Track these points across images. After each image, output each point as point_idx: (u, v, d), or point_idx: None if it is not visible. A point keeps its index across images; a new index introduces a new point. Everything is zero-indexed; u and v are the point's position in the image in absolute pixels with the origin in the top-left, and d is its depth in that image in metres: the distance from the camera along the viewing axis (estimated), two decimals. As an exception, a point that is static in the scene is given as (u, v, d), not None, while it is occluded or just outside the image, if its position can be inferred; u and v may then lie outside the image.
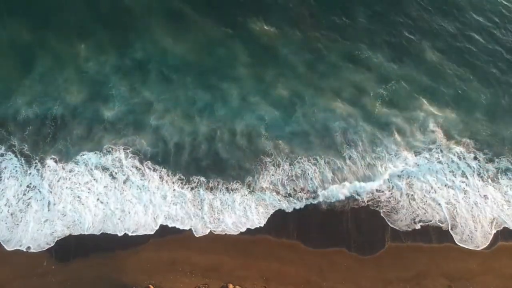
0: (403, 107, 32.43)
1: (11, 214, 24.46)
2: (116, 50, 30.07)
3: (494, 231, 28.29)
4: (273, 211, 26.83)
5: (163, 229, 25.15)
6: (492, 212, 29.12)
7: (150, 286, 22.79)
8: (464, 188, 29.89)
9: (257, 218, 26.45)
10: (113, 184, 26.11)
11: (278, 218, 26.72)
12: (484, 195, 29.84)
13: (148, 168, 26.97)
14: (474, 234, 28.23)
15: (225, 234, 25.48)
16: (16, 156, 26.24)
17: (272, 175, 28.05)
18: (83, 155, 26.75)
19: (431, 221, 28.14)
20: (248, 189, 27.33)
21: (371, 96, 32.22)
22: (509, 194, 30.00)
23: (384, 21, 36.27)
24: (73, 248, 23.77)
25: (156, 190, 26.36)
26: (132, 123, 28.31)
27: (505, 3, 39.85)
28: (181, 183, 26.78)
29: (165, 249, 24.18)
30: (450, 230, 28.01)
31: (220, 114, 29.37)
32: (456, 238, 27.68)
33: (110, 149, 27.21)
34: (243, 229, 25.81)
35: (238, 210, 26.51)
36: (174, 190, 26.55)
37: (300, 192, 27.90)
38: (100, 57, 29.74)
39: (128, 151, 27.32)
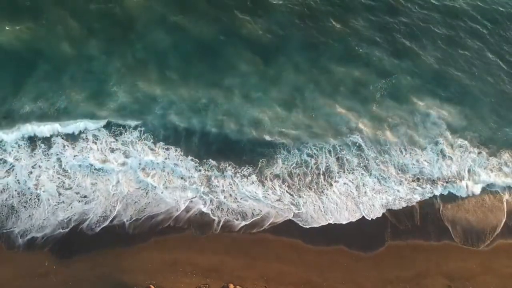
0: (405, 101, 32.52)
1: (19, 194, 24.42)
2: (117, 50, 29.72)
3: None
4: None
5: (164, 228, 25.14)
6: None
7: (151, 286, 22.85)
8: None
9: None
10: (128, 162, 26.30)
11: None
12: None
13: (162, 148, 27.20)
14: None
15: (225, 233, 25.55)
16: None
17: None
18: (90, 130, 26.77)
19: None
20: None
21: (371, 90, 32.17)
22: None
23: (385, 17, 36.02)
24: (74, 248, 23.69)
25: (174, 166, 26.79)
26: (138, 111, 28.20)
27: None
28: (195, 163, 27.16)
29: (166, 249, 24.16)
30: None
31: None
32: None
33: (120, 127, 27.25)
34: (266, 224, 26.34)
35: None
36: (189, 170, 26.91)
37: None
38: (101, 56, 29.26)
39: (139, 129, 27.40)
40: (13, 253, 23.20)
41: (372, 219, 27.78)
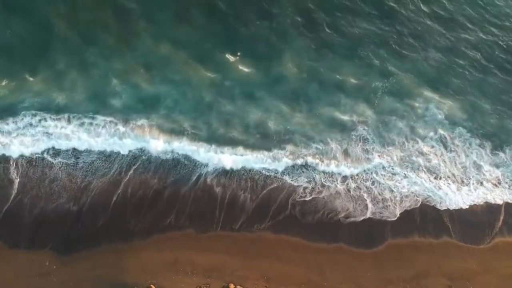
0: (407, 97, 32.68)
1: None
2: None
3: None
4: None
5: (165, 226, 25.09)
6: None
7: (152, 286, 22.91)
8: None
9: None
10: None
11: (277, 215, 26.80)
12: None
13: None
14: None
15: (225, 232, 25.50)
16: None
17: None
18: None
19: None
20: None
21: (373, 87, 32.14)
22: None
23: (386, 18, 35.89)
24: (75, 248, 23.63)
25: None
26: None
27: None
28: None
29: (166, 248, 24.16)
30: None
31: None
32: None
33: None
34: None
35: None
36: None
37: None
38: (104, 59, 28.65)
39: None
40: (14, 253, 23.11)
41: (371, 217, 27.83)
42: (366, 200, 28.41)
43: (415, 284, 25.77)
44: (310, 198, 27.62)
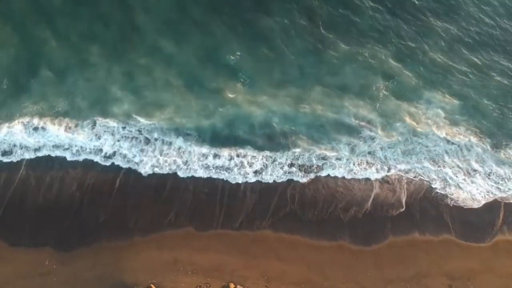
0: (408, 97, 32.54)
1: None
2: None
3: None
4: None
5: (165, 223, 25.05)
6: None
7: (152, 285, 22.90)
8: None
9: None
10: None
11: (277, 211, 26.77)
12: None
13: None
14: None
15: (225, 230, 25.43)
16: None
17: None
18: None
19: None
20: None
21: (375, 88, 32.07)
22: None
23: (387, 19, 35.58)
24: (75, 247, 23.64)
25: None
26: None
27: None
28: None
29: (166, 248, 24.13)
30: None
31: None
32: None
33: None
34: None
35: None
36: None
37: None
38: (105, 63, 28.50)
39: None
40: (14, 252, 23.13)
41: (371, 214, 27.76)
42: (371, 179, 28.61)
43: (416, 284, 25.77)
44: (314, 177, 27.78)
